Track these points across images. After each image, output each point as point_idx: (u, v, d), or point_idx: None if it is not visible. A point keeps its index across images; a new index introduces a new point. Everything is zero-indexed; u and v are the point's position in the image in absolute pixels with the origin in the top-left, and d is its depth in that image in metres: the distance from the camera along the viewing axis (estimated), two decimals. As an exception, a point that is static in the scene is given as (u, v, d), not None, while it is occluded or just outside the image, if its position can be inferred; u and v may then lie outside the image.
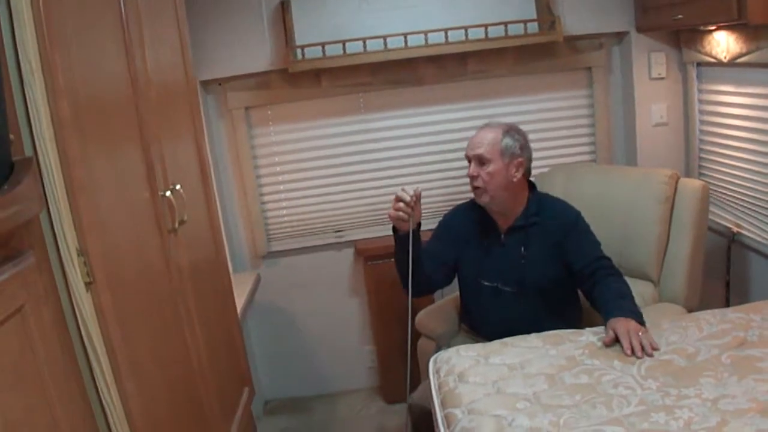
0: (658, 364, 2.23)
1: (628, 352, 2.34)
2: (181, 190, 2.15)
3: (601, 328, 2.55)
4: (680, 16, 3.37)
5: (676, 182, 3.34)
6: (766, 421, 1.83)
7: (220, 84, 3.84)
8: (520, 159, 3.00)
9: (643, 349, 2.34)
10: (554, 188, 3.62)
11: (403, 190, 2.80)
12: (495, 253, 3.06)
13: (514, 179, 3.00)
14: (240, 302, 3.26)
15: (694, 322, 2.50)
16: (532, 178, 3.15)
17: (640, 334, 2.40)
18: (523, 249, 3.00)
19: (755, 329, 2.38)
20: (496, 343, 2.51)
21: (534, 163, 3.59)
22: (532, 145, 3.43)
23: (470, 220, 3.14)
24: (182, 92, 2.52)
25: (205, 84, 3.80)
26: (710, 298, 3.37)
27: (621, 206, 3.42)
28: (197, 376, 2.20)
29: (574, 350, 2.37)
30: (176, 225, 2.10)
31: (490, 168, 2.94)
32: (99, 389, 1.58)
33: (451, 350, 2.51)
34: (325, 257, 4.15)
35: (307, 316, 4.23)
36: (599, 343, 2.41)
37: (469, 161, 3.01)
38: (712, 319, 2.51)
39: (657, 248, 3.31)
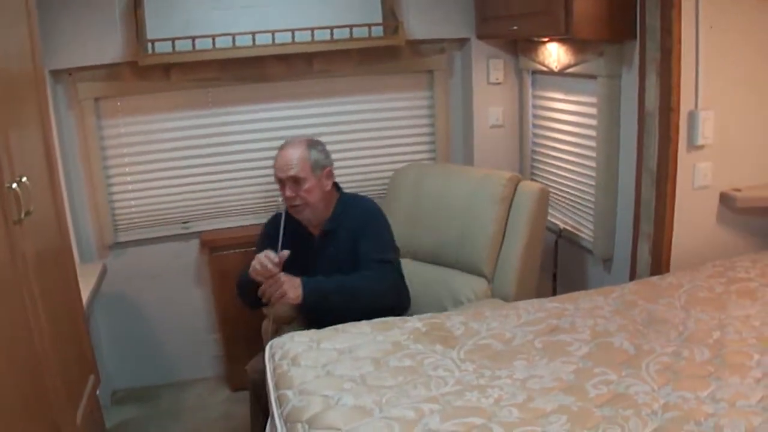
0: (476, 348, 2.39)
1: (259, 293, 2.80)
2: (27, 182, 2.16)
3: (426, 315, 2.73)
4: (515, 28, 3.59)
5: (516, 184, 3.49)
6: (567, 398, 2.01)
7: (70, 74, 3.78)
8: (328, 168, 3.18)
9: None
10: (405, 183, 3.81)
11: (266, 256, 2.85)
12: (311, 256, 3.16)
13: (327, 188, 3.17)
14: (86, 292, 3.24)
15: (514, 311, 2.69)
16: (391, 170, 3.36)
17: (279, 291, 2.80)
18: (333, 249, 3.14)
19: (568, 317, 2.58)
20: (328, 330, 2.61)
21: (374, 160, 3.78)
22: (374, 144, 3.57)
23: (290, 224, 3.16)
24: (30, 82, 2.48)
25: (55, 74, 3.73)
26: (539, 290, 3.58)
27: (460, 204, 3.55)
28: (42, 364, 2.19)
29: (400, 336, 2.51)
30: (22, 216, 2.11)
31: (306, 185, 3.07)
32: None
33: (286, 336, 2.59)
34: (172, 248, 4.17)
35: (154, 306, 4.23)
36: (424, 329, 2.56)
37: (281, 182, 3.12)
38: (530, 308, 2.71)
39: (491, 246, 3.46)
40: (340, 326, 2.65)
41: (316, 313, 3.02)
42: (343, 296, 2.92)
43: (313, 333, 2.60)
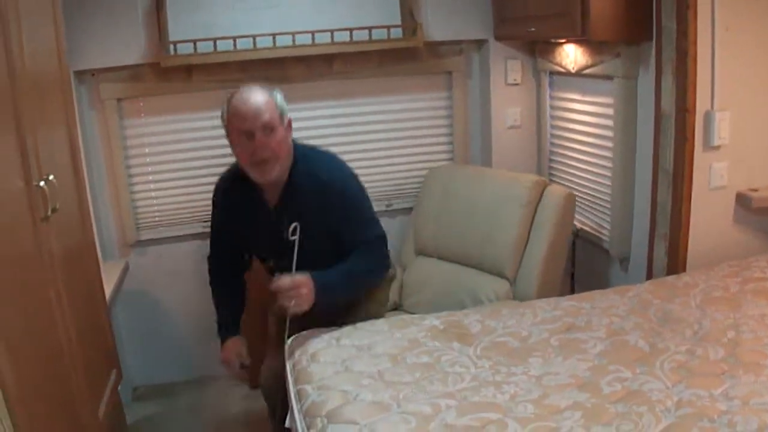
0: (493, 345, 2.43)
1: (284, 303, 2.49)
2: (54, 180, 2.20)
3: (443, 313, 2.76)
4: (533, 29, 3.61)
5: (543, 188, 3.53)
6: (582, 395, 2.05)
7: (93, 75, 3.83)
8: (289, 117, 2.70)
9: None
10: (436, 183, 3.88)
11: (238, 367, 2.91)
12: (264, 230, 2.77)
13: (290, 141, 2.70)
14: (108, 289, 3.29)
15: (531, 309, 2.72)
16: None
17: (296, 299, 2.48)
18: (293, 223, 2.64)
19: (584, 315, 2.61)
20: (348, 328, 2.64)
21: (392, 160, 3.79)
22: (392, 144, 3.54)
23: (240, 191, 2.78)
24: (56, 82, 2.54)
25: (79, 74, 3.77)
26: (559, 289, 3.62)
27: (486, 206, 3.59)
28: (66, 357, 2.24)
29: (417, 333, 2.55)
30: (48, 213, 2.15)
31: (278, 135, 2.58)
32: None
33: (307, 332, 2.63)
34: (193, 246, 4.18)
35: (174, 303, 4.26)
36: (441, 327, 2.59)
37: (246, 135, 2.57)
38: (547, 306, 2.74)
39: (515, 249, 3.49)
40: (359, 324, 2.69)
41: (318, 307, 2.59)
42: (350, 287, 2.66)
43: (332, 330, 2.64)
